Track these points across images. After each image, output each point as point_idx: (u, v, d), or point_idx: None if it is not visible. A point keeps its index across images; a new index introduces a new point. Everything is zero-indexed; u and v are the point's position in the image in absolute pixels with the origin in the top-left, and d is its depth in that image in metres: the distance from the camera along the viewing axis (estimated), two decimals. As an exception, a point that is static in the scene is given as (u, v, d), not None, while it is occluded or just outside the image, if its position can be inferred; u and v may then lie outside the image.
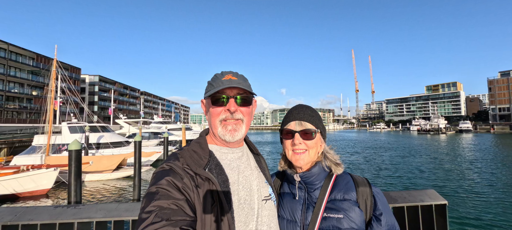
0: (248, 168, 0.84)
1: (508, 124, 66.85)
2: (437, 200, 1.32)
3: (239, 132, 0.80)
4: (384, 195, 1.42)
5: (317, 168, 0.88)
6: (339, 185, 0.87)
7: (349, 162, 16.39)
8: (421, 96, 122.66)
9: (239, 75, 0.85)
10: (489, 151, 21.23)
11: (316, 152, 0.89)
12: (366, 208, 0.81)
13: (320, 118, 0.93)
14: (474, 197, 7.97)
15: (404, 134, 59.24)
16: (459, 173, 11.87)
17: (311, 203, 0.85)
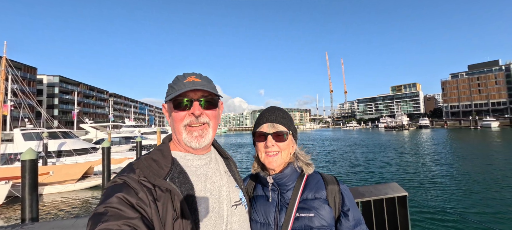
0: (217, 173, 0.82)
1: (458, 119, 76.17)
2: (399, 192, 1.44)
3: (205, 137, 0.76)
4: (353, 191, 1.48)
5: (289, 169, 0.89)
6: (310, 185, 0.88)
7: (326, 160, 17.13)
8: (387, 96, 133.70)
9: (203, 77, 0.81)
10: (444, 145, 23.99)
11: (289, 153, 0.90)
12: (335, 205, 0.84)
13: (291, 120, 0.94)
14: (432, 187, 8.88)
15: (373, 131, 63.86)
16: (419, 166, 13.17)
17: (284, 204, 0.86)
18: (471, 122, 67.15)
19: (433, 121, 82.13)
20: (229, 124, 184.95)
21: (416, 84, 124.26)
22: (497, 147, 20.56)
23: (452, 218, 5.86)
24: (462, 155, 16.86)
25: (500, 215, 6.06)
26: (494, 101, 77.92)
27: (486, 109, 78.78)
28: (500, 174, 10.44)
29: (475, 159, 14.72)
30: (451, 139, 30.79)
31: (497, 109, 76.78)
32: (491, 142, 24.89)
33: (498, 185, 8.92)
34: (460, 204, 7.05)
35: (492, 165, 12.59)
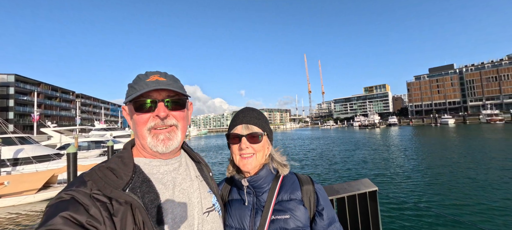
0: (187, 179, 0.77)
1: (421, 117, 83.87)
2: (370, 187, 1.53)
3: (173, 140, 0.70)
4: (329, 189, 1.50)
5: (264, 171, 0.87)
6: (286, 186, 0.88)
7: (307, 159, 17.64)
8: (360, 96, 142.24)
9: (168, 76, 0.74)
10: (410, 141, 26.25)
11: (264, 155, 0.89)
12: (310, 205, 0.84)
13: (266, 120, 0.93)
14: (400, 181, 9.62)
15: (349, 130, 67.48)
16: (389, 161, 14.22)
17: (259, 207, 0.84)
18: (432, 119, 74.41)
19: (400, 119, 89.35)
20: (209, 125, 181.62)
21: (386, 85, 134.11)
22: (454, 142, 23.05)
23: (417, 208, 6.36)
24: (426, 150, 18.59)
25: (460, 203, 6.69)
26: (451, 100, 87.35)
27: (444, 108, 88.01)
28: (457, 166, 11.70)
29: (436, 153, 16.32)
30: (415, 135, 33.79)
31: (453, 107, 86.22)
32: (449, 138, 27.85)
33: (456, 176, 9.97)
34: (424, 195, 7.70)
35: (450, 158, 14.06)
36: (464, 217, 5.83)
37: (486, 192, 7.41)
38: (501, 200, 6.66)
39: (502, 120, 58.17)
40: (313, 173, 12.15)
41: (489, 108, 71.17)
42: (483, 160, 12.88)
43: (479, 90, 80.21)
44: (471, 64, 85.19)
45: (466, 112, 78.77)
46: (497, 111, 64.23)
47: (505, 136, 25.64)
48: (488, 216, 5.70)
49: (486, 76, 78.86)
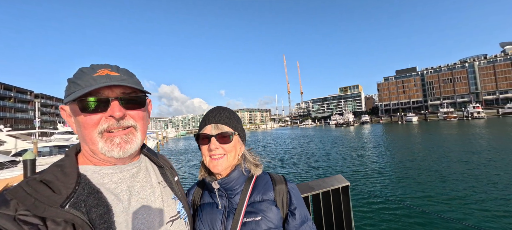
0: (148, 186, 0.69)
1: (390, 115, 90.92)
2: (343, 183, 1.61)
3: (132, 143, 0.62)
4: (305, 186, 1.51)
5: (236, 172, 0.84)
6: (259, 187, 0.86)
7: (287, 157, 18.01)
8: (336, 96, 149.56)
9: (121, 70, 0.65)
10: (380, 137, 28.32)
11: (235, 155, 0.85)
12: (283, 205, 0.83)
13: (238, 119, 0.90)
14: (372, 176, 10.29)
15: (326, 128, 70.49)
16: (363, 157, 15.17)
17: (231, 210, 0.82)
18: (398, 117, 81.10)
19: (371, 117, 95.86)
20: (188, 126, 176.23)
21: (359, 85, 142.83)
22: (418, 138, 25.39)
23: (386, 201, 6.80)
24: (394, 146, 20.19)
25: (425, 195, 7.22)
26: (414, 100, 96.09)
27: (409, 107, 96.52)
28: (422, 160, 12.88)
29: (403, 149, 17.81)
30: (385, 132, 36.54)
31: (416, 106, 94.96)
32: (413, 134, 30.59)
33: (421, 169, 10.96)
34: (393, 188, 8.28)
35: (415, 153, 15.45)
36: (429, 208, 6.19)
37: (448, 184, 8.10)
38: (461, 190, 7.32)
39: (456, 117, 65.67)
40: (292, 172, 12.47)
41: (445, 106, 79.89)
42: (444, 154, 14.39)
43: (437, 91, 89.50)
44: (431, 67, 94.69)
45: (427, 110, 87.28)
46: (452, 109, 72.30)
47: (458, 131, 28.99)
48: (451, 206, 6.20)
49: (443, 78, 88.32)
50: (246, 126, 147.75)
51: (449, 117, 65.93)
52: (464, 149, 15.39)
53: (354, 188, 8.62)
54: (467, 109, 66.24)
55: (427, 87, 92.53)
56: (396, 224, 5.35)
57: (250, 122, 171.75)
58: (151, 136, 41.97)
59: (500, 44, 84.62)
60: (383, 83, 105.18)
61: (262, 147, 26.97)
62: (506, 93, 75.44)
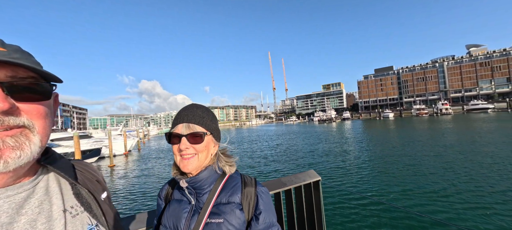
0: (42, 218, 0.45)
1: (369, 112, 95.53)
2: (314, 178, 1.65)
3: (23, 151, 0.41)
4: (277, 182, 1.50)
5: (206, 172, 0.83)
6: (227, 188, 0.84)
7: (273, 154, 18.20)
8: (319, 93, 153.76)
9: (12, 46, 0.44)
10: (360, 133, 29.73)
11: (207, 155, 0.84)
12: (249, 209, 0.80)
13: (213, 118, 0.87)
14: (347, 171, 10.67)
15: (310, 124, 72.34)
16: (339, 153, 15.81)
17: (198, 209, 0.81)
18: (377, 114, 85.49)
19: (352, 114, 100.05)
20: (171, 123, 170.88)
21: (340, 83, 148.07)
22: (393, 133, 26.99)
23: (359, 196, 6.93)
24: (371, 141, 21.28)
25: (397, 190, 7.51)
26: (391, 97, 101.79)
27: (386, 103, 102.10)
28: (394, 155, 13.71)
29: (379, 144, 18.84)
30: (364, 128, 38.41)
31: (392, 103, 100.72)
32: (389, 129, 32.49)
33: (393, 164, 11.65)
34: (366, 183, 8.52)
35: (390, 148, 16.41)
36: (399, 203, 6.30)
37: (418, 178, 8.40)
38: (431, 184, 7.63)
39: (427, 114, 70.77)
40: (277, 169, 12.65)
41: (418, 103, 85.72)
42: (415, 148, 15.43)
43: (411, 89, 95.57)
44: (406, 66, 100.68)
45: (402, 107, 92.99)
46: (423, 106, 77.76)
47: (429, 126, 31.32)
48: (422, 200, 6.37)
49: (416, 77, 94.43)
50: (231, 123, 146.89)
51: (421, 113, 70.87)
52: (434, 143, 16.64)
53: (327, 182, 8.91)
54: (437, 106, 71.64)
55: (402, 85, 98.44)
56: (365, 218, 5.51)
57: (235, 118, 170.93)
58: (131, 134, 40.10)
59: (466, 46, 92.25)
60: (363, 81, 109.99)
61: (247, 143, 27.00)
62: (470, 91, 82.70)
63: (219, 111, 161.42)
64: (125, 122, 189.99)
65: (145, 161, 18.23)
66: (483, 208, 5.56)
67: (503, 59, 76.93)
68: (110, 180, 12.56)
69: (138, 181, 11.62)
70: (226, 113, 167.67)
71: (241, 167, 13.63)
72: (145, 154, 23.23)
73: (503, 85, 77.17)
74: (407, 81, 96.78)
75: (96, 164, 18.75)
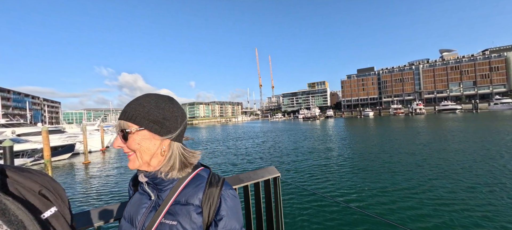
0: None
1: (351, 110, 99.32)
2: (274, 174, 1.68)
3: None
4: (234, 179, 1.48)
5: (166, 167, 0.75)
6: (190, 187, 0.76)
7: (258, 150, 18.29)
8: (305, 91, 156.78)
9: None
10: (343, 131, 30.87)
11: (152, 153, 0.73)
12: (209, 212, 0.72)
13: (152, 111, 0.72)
14: (314, 169, 10.81)
15: (295, 122, 73.69)
16: (313, 151, 16.32)
17: (157, 205, 0.74)
18: (358, 112, 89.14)
19: (335, 112, 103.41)
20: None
21: (325, 82, 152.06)
22: (371, 131, 28.33)
23: (317, 196, 6.93)
24: (348, 138, 22.17)
25: (360, 190, 7.39)
26: (371, 96, 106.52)
27: (367, 103, 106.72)
28: (370, 155, 14.41)
29: (354, 142, 19.69)
30: (345, 126, 39.95)
31: (373, 102, 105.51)
32: (369, 127, 34.05)
33: (367, 164, 12.22)
34: (328, 182, 8.48)
35: (364, 147, 17.21)
36: (354, 203, 6.25)
37: (388, 180, 8.62)
38: (395, 184, 7.63)
39: (403, 113, 75.10)
40: (262, 166, 12.74)
41: (395, 103, 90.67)
42: (391, 147, 16.32)
43: (390, 89, 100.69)
44: (386, 68, 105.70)
45: (381, 106, 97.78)
46: (400, 106, 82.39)
47: (404, 125, 33.31)
48: (382, 202, 6.30)
49: (395, 78, 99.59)
50: (217, 119, 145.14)
51: (398, 113, 75.07)
52: (406, 142, 17.70)
53: (294, 180, 9.01)
54: (412, 106, 76.23)
55: (382, 85, 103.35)
56: (322, 217, 5.55)
57: (221, 115, 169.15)
58: (110, 129, 38.18)
59: (440, 51, 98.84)
60: (346, 80, 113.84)
61: (232, 141, 26.91)
62: (441, 93, 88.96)
63: (205, 107, 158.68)
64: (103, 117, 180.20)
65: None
66: (444, 210, 5.67)
67: (471, 64, 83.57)
68: (83, 178, 11.90)
69: (112, 179, 11.11)
70: (212, 109, 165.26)
71: (221, 164, 13.57)
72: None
73: (469, 88, 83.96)
74: (386, 81, 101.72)
75: (69, 161, 17.65)
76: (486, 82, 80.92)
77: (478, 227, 4.88)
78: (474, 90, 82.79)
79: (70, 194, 9.04)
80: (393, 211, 5.78)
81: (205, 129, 60.25)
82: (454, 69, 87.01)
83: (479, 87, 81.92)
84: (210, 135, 37.75)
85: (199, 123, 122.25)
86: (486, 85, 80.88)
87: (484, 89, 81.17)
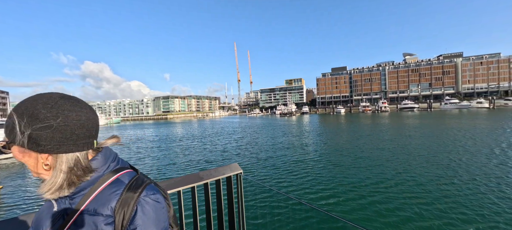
0: None
1: (325, 107, 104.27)
2: (236, 171, 1.69)
3: None
4: (194, 177, 1.45)
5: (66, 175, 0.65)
6: (105, 193, 0.67)
7: (234, 146, 18.18)
8: (282, 88, 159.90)
9: None
10: (317, 126, 32.26)
11: (35, 167, 0.63)
12: (123, 221, 0.64)
13: (19, 121, 0.60)
14: (269, 164, 11.50)
15: (272, 117, 74.96)
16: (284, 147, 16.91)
17: (65, 215, 0.66)
18: (331, 109, 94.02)
19: (310, 108, 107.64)
20: (124, 112, 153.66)
21: (301, 79, 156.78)
22: (341, 126, 30.14)
23: (276, 193, 7.08)
24: (321, 134, 23.32)
25: (320, 190, 7.57)
26: (343, 94, 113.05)
27: (339, 100, 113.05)
28: (337, 151, 15.31)
29: (323, 138, 20.80)
30: (319, 121, 41.91)
31: (344, 100, 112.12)
32: (340, 122, 36.19)
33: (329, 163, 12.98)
34: (289, 180, 8.61)
35: (333, 144, 18.26)
36: (314, 203, 6.30)
37: (351, 180, 8.82)
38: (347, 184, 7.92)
39: (370, 110, 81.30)
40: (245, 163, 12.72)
41: (364, 101, 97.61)
42: (357, 143, 17.55)
43: (360, 88, 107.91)
44: (357, 68, 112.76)
45: (351, 104, 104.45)
46: (368, 104, 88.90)
47: (371, 121, 36.10)
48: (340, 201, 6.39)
49: (364, 78, 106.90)
50: (193, 114, 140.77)
51: (366, 110, 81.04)
52: (372, 139, 19.20)
53: (256, 178, 9.13)
54: (378, 104, 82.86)
55: (353, 84, 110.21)
56: (284, 215, 5.58)
57: (197, 109, 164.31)
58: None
59: (403, 54, 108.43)
60: (321, 78, 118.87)
61: (209, 137, 26.39)
62: (403, 93, 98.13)
63: (180, 101, 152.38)
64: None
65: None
66: (399, 209, 5.96)
67: (428, 68, 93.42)
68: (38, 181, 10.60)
69: None
70: (188, 104, 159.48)
71: (192, 162, 13.27)
72: None
73: (426, 89, 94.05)
74: (357, 81, 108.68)
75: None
76: (439, 84, 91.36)
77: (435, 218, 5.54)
78: (429, 91, 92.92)
79: (16, 198, 8.03)
80: (355, 210, 5.95)
81: (180, 124, 58.06)
82: (414, 72, 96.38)
83: (434, 88, 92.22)
84: (185, 130, 36.52)
85: (174, 118, 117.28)
86: (439, 86, 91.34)
87: (437, 90, 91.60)
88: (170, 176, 10.01)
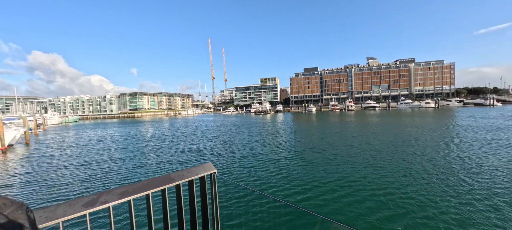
0: None
1: (297, 106, 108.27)
2: (209, 171, 1.63)
3: None
4: (166, 178, 1.40)
5: None
6: None
7: (209, 146, 17.65)
8: (257, 86, 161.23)
9: None
10: (290, 125, 33.23)
11: None
12: None
13: None
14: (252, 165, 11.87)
15: (247, 116, 75.12)
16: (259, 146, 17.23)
17: None
18: (303, 108, 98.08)
19: (284, 107, 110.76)
20: (83, 110, 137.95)
21: (276, 78, 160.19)
22: (311, 125, 31.62)
23: (252, 191, 7.37)
24: (293, 132, 24.15)
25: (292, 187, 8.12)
26: (314, 94, 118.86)
27: (311, 99, 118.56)
28: (309, 148, 16.03)
29: (300, 137, 21.64)
30: (291, 119, 43.35)
31: (315, 99, 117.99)
32: (311, 121, 37.93)
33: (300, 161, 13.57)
34: (265, 177, 8.88)
35: (304, 142, 19.10)
36: (289, 199, 6.45)
37: (321, 175, 9.69)
38: (332, 184, 8.66)
39: (338, 109, 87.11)
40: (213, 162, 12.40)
41: (333, 100, 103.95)
42: (326, 140, 18.55)
43: (330, 88, 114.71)
44: (327, 69, 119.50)
45: (322, 103, 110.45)
46: (336, 103, 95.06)
47: (339, 119, 38.62)
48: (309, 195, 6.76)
49: (333, 79, 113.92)
50: (164, 112, 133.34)
51: (335, 109, 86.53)
52: (340, 136, 20.49)
53: (232, 177, 9.23)
54: (345, 103, 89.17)
55: (323, 84, 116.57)
56: (261, 214, 5.64)
57: (169, 107, 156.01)
58: (14, 123, 29.82)
59: (367, 58, 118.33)
60: (295, 78, 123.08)
61: (183, 136, 25.28)
62: (366, 93, 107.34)
63: (150, 98, 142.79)
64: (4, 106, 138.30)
65: (31, 160, 14.00)
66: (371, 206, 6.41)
67: (387, 71, 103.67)
68: (-32, 188, 8.91)
69: (8, 191, 8.60)
70: (158, 101, 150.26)
71: (163, 163, 12.63)
72: (35, 150, 17.84)
73: (385, 90, 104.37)
74: (327, 81, 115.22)
75: None
76: (396, 86, 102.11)
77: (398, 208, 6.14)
78: (388, 92, 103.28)
79: None
80: (327, 204, 6.29)
81: (150, 123, 54.41)
82: (375, 74, 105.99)
83: (392, 89, 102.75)
84: (155, 130, 34.37)
85: (142, 116, 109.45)
86: (396, 88, 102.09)
87: (394, 91, 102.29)
88: (138, 179, 9.32)
